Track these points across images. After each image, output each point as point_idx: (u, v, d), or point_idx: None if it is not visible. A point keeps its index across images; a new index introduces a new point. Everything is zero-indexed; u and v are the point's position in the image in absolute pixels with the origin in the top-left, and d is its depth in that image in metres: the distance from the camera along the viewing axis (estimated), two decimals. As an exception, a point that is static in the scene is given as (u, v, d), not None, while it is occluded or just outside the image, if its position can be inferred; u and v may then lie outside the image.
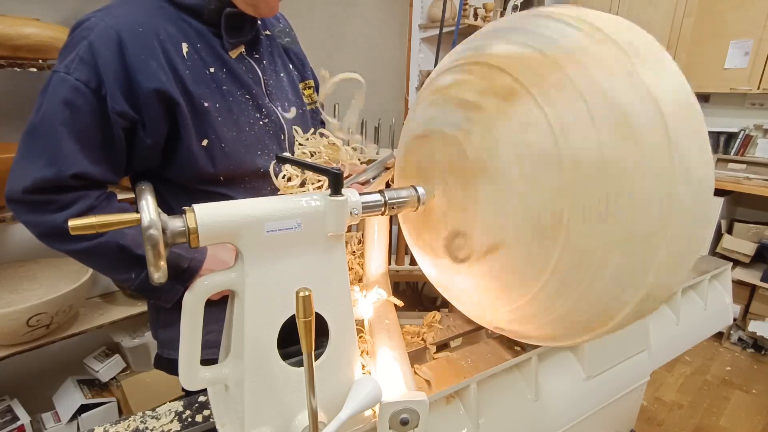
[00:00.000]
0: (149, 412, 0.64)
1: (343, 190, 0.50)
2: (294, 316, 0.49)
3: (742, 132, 2.69)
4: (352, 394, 0.51)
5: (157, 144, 0.70)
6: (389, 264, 0.93)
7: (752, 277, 2.44)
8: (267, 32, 0.86)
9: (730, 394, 2.14)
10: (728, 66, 2.48)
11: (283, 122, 0.82)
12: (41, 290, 1.42)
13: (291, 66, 0.90)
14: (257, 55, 0.81)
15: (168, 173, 0.75)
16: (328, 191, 0.49)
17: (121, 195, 1.33)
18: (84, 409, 1.48)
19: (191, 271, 0.71)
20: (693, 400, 2.09)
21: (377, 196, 0.57)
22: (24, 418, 1.37)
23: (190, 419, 0.63)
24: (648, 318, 0.56)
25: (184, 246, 0.48)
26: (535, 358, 0.73)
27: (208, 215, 0.44)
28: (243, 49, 0.78)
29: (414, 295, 2.24)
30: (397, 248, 1.45)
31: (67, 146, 0.63)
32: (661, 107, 0.45)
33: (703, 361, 2.40)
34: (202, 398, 0.67)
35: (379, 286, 0.80)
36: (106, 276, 1.48)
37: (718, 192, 2.48)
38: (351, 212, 0.51)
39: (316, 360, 0.47)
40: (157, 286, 0.57)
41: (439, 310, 0.87)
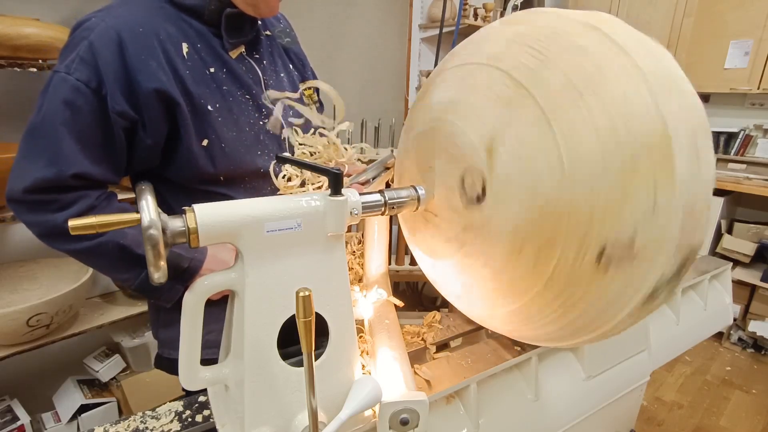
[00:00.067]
0: (149, 412, 0.64)
1: (343, 190, 0.50)
2: (294, 316, 0.49)
3: (742, 132, 2.69)
4: (352, 394, 0.51)
5: (157, 144, 0.70)
6: (389, 264, 0.93)
7: (752, 277, 2.44)
8: (267, 32, 0.86)
9: (730, 394, 2.14)
10: (728, 66, 2.48)
11: (283, 122, 0.82)
12: (41, 290, 1.42)
13: (291, 66, 0.90)
14: (257, 56, 0.82)
15: (168, 173, 0.75)
16: (328, 191, 0.49)
17: (121, 195, 1.33)
18: (84, 409, 1.48)
19: (191, 271, 0.71)
20: (693, 400, 2.09)
21: (377, 196, 0.57)
22: (24, 418, 1.37)
23: (190, 419, 0.63)
24: (648, 318, 0.56)
25: (184, 246, 0.48)
26: (535, 358, 0.73)
27: (208, 215, 0.44)
28: (243, 50, 0.78)
29: (414, 295, 2.24)
30: (397, 248, 1.46)
31: (67, 146, 0.63)
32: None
33: (703, 361, 2.40)
34: (202, 398, 0.67)
35: (379, 286, 0.80)
36: (106, 276, 1.48)
37: (718, 192, 2.48)
38: (351, 212, 0.51)
39: (316, 360, 0.47)
40: (157, 286, 0.57)
41: (439, 310, 0.87)
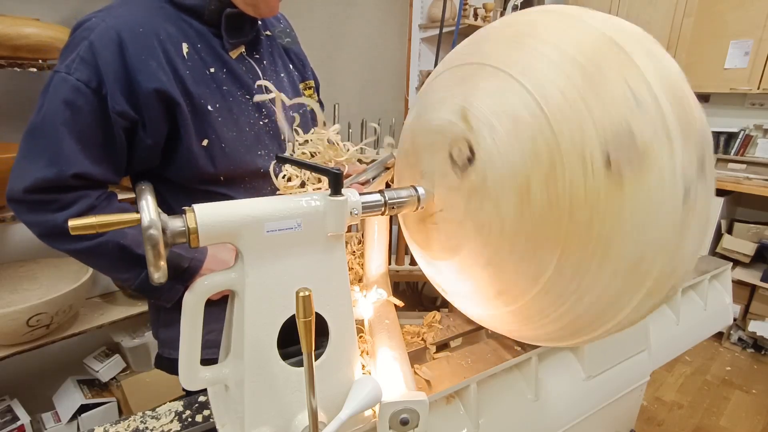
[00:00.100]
0: (149, 412, 0.64)
1: (343, 190, 0.50)
2: (294, 316, 0.49)
3: (742, 132, 2.69)
4: (352, 394, 0.51)
5: (157, 144, 0.70)
6: (389, 264, 0.93)
7: (752, 277, 2.44)
8: (267, 32, 0.86)
9: (730, 394, 2.14)
10: (728, 66, 2.48)
11: (285, 123, 0.82)
12: (41, 290, 1.42)
13: (291, 66, 0.90)
14: (257, 56, 0.82)
15: (168, 173, 0.75)
16: (328, 191, 0.49)
17: (121, 195, 1.33)
18: (84, 409, 1.48)
19: (191, 271, 0.71)
20: (693, 400, 2.09)
21: (377, 196, 0.57)
22: (24, 418, 1.37)
23: (190, 419, 0.63)
24: (648, 318, 0.56)
25: (184, 246, 0.48)
26: (535, 358, 0.73)
27: (208, 215, 0.44)
28: (243, 50, 0.78)
29: (414, 295, 2.24)
30: (397, 248, 1.46)
31: (67, 146, 0.63)
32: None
33: (703, 361, 2.40)
34: (202, 398, 0.67)
35: (379, 286, 0.80)
36: (106, 275, 1.48)
37: (718, 192, 2.48)
38: (351, 212, 0.51)
39: (316, 360, 0.47)
40: (157, 286, 0.57)
41: (439, 310, 0.87)
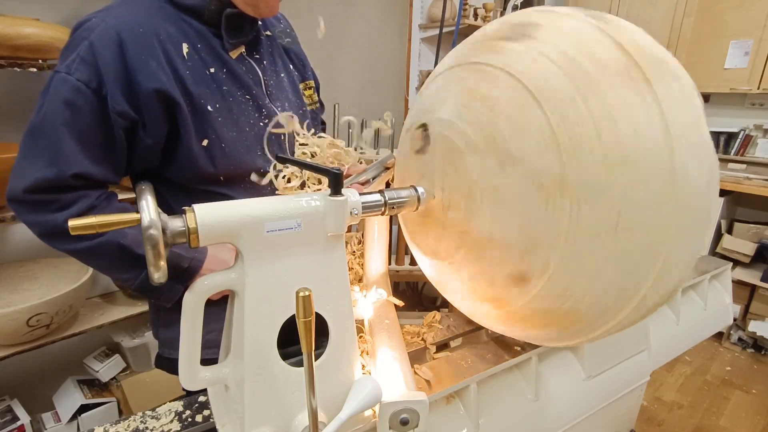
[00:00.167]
0: (149, 412, 0.64)
1: (343, 190, 0.50)
2: (294, 316, 0.49)
3: (742, 132, 2.69)
4: (352, 394, 0.51)
5: (157, 144, 0.70)
6: (389, 264, 0.93)
7: (752, 277, 2.44)
8: (267, 33, 0.86)
9: (730, 394, 2.14)
10: (728, 66, 2.48)
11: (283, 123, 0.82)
12: (41, 290, 1.42)
13: (291, 66, 0.90)
14: (257, 56, 0.82)
15: (168, 173, 0.75)
16: (328, 191, 0.49)
17: (121, 195, 1.33)
18: (84, 409, 1.48)
19: (191, 271, 0.71)
20: (693, 400, 2.09)
21: (377, 196, 0.56)
22: (24, 418, 1.37)
23: (190, 419, 0.63)
24: (648, 318, 0.56)
25: (184, 246, 0.48)
26: (535, 358, 0.73)
27: (208, 215, 0.44)
28: (243, 50, 0.78)
29: (414, 295, 2.24)
30: (397, 248, 1.45)
31: (68, 146, 0.63)
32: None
33: (703, 361, 2.40)
34: (202, 398, 0.67)
35: (378, 286, 0.80)
36: (106, 275, 1.48)
37: (719, 192, 2.48)
38: (351, 212, 0.51)
39: (316, 360, 0.47)
40: (157, 286, 0.57)
41: (439, 310, 0.87)
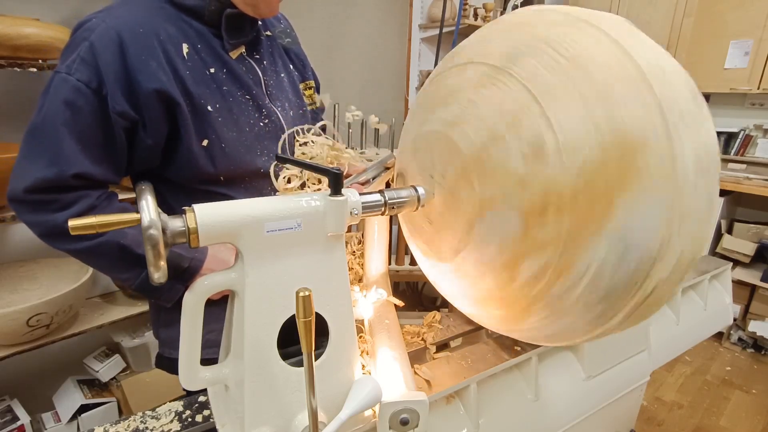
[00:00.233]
0: (149, 412, 0.64)
1: (343, 190, 0.50)
2: (294, 316, 0.49)
3: (742, 132, 2.69)
4: (352, 394, 0.51)
5: (157, 144, 0.70)
6: (389, 264, 0.93)
7: (752, 277, 2.44)
8: (267, 33, 0.86)
9: (730, 394, 2.14)
10: (728, 66, 2.48)
11: (283, 123, 0.82)
12: (41, 290, 1.42)
13: (291, 66, 0.90)
14: (258, 56, 0.82)
15: (168, 173, 0.75)
16: (328, 191, 0.49)
17: (121, 195, 1.33)
18: (84, 409, 1.48)
19: (191, 271, 0.71)
20: (693, 400, 2.09)
21: (377, 196, 0.57)
22: (24, 418, 1.37)
23: (190, 419, 0.63)
24: (648, 318, 0.56)
25: (184, 246, 0.48)
26: (535, 358, 0.73)
27: (208, 215, 0.44)
28: (243, 50, 0.78)
29: (414, 295, 2.24)
30: (397, 248, 1.45)
31: (68, 146, 0.63)
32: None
33: (703, 361, 2.40)
34: (202, 398, 0.67)
35: (378, 286, 0.80)
36: (107, 275, 1.48)
37: (719, 192, 2.48)
38: (351, 212, 0.51)
39: (316, 360, 0.47)
40: (157, 285, 0.57)
41: (439, 310, 0.87)
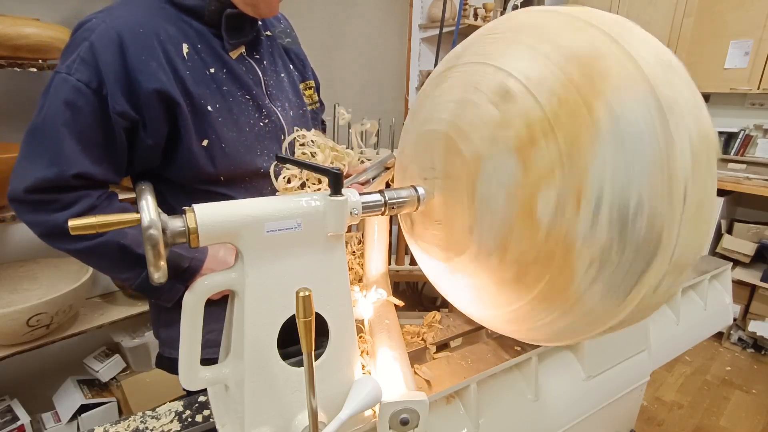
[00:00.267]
0: (149, 412, 0.64)
1: (343, 190, 0.50)
2: (294, 316, 0.49)
3: (742, 132, 2.69)
4: (352, 394, 0.51)
5: (157, 144, 0.70)
6: (389, 264, 0.93)
7: (752, 277, 2.44)
8: (268, 33, 0.86)
9: (730, 394, 2.14)
10: (728, 66, 2.48)
11: (283, 123, 0.82)
12: (41, 290, 1.42)
13: (291, 66, 0.90)
14: (258, 56, 0.82)
15: (168, 173, 0.75)
16: (328, 191, 0.49)
17: (121, 195, 1.33)
18: (84, 409, 1.48)
19: (192, 271, 0.71)
20: (693, 400, 2.09)
21: (377, 196, 0.57)
22: (24, 418, 1.37)
23: (190, 419, 0.63)
24: (648, 318, 0.56)
25: (184, 246, 0.48)
26: (535, 358, 0.73)
27: (208, 215, 0.44)
28: (243, 50, 0.78)
29: (414, 295, 2.24)
30: (397, 248, 1.46)
31: (68, 146, 0.63)
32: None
33: (703, 361, 2.40)
34: (202, 398, 0.67)
35: (378, 286, 0.80)
36: (107, 275, 1.48)
37: (718, 192, 2.47)
38: (351, 212, 0.51)
39: (316, 360, 0.47)
40: (157, 285, 0.57)
41: (439, 310, 0.87)
